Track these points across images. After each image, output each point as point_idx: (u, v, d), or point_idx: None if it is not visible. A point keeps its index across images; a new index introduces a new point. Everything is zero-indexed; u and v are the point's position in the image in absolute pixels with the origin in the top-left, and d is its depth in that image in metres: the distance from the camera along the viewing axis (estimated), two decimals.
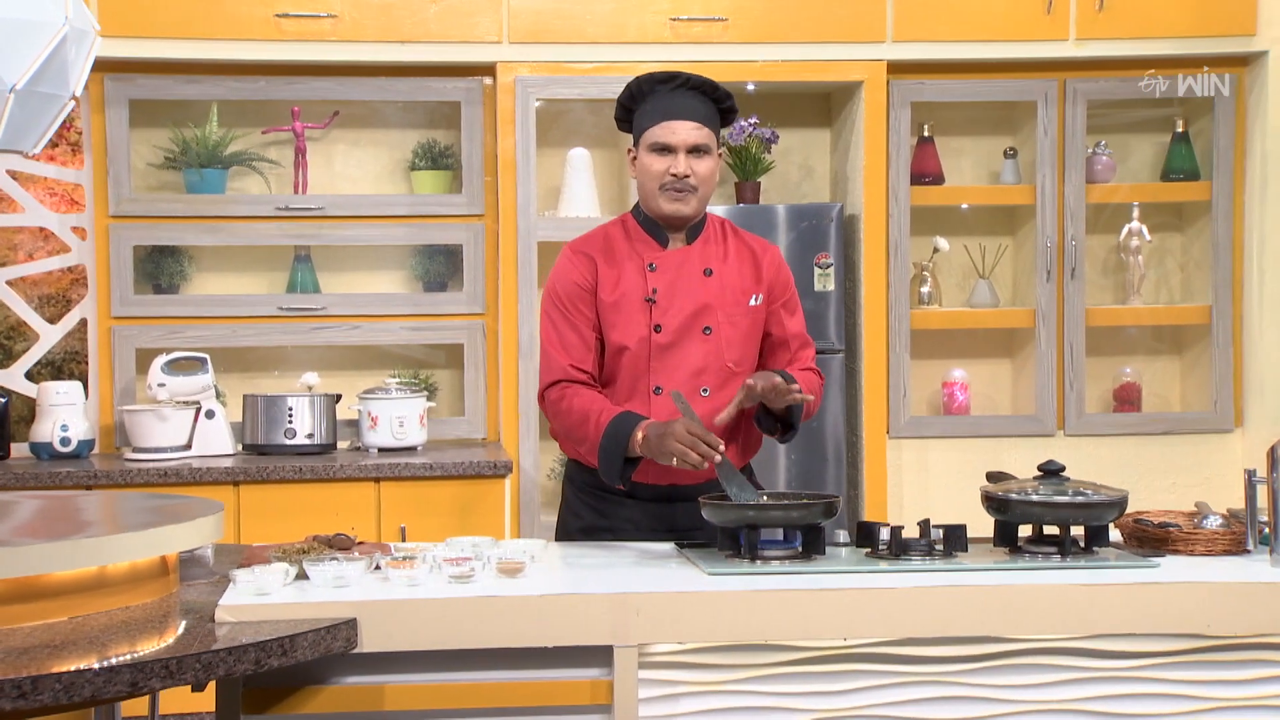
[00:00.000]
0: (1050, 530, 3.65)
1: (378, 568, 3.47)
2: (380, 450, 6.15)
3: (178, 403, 6.10)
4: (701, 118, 3.91)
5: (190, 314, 6.35)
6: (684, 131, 3.89)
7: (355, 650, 3.17)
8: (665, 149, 3.89)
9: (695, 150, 3.90)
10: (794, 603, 3.28)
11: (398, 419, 6.13)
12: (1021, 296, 6.72)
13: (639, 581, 3.38)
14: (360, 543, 3.66)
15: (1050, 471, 3.62)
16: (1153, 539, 3.66)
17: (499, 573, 3.42)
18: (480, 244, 6.40)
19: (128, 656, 2.88)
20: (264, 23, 6.12)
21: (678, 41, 6.25)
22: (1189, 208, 6.80)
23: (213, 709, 5.53)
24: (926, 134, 6.58)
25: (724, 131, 6.33)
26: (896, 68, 6.36)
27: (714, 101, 3.98)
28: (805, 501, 3.59)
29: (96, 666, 2.81)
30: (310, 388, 6.23)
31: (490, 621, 3.22)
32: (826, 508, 3.56)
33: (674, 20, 6.24)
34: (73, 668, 2.79)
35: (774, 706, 3.31)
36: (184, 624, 3.14)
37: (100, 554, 3.17)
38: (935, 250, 6.56)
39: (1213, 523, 3.67)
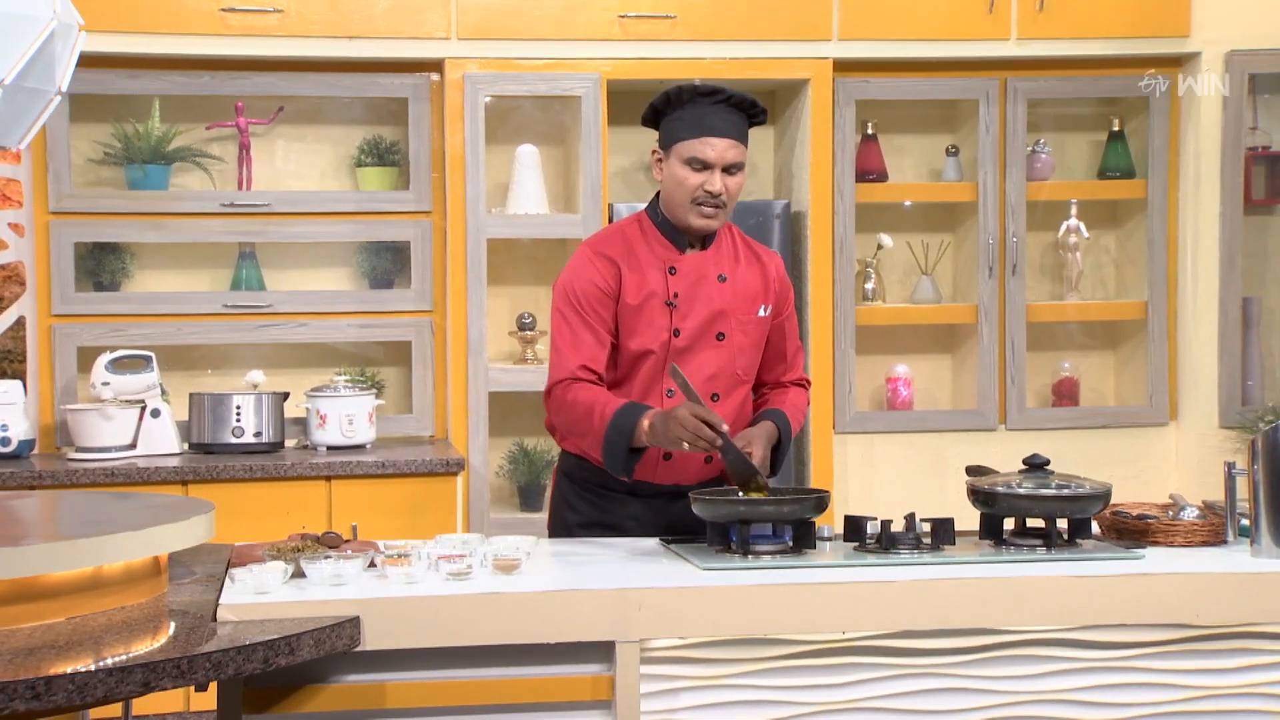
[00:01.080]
0: (1034, 523, 3.69)
1: (372, 565, 3.46)
2: (329, 448, 6.11)
3: (122, 401, 6.03)
4: (738, 135, 3.93)
5: (133, 311, 6.28)
6: (722, 149, 3.89)
7: (358, 648, 3.16)
8: (703, 165, 3.89)
9: (729, 168, 3.91)
10: (794, 597, 3.31)
11: (347, 417, 6.10)
12: (963, 292, 6.79)
13: (640, 577, 3.39)
14: (348, 540, 3.64)
15: (1034, 465, 3.66)
16: (1132, 531, 3.72)
17: (495, 569, 3.42)
18: (428, 241, 6.38)
19: (138, 655, 2.86)
20: (208, 17, 6.06)
21: (626, 39, 6.27)
22: (1123, 205, 6.90)
23: (184, 708, 5.52)
24: (870, 131, 6.64)
25: None
26: (842, 66, 6.42)
27: (749, 117, 3.98)
28: (797, 496, 3.62)
29: (110, 666, 2.79)
30: (256, 386, 6.18)
31: (494, 618, 3.23)
32: (817, 502, 3.60)
33: (622, 17, 6.25)
34: (84, 668, 2.76)
35: (773, 700, 3.35)
36: (186, 624, 3.11)
37: (98, 554, 3.13)
38: (879, 247, 6.62)
39: (1190, 514, 3.74)
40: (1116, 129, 6.78)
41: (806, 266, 6.41)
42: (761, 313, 4.08)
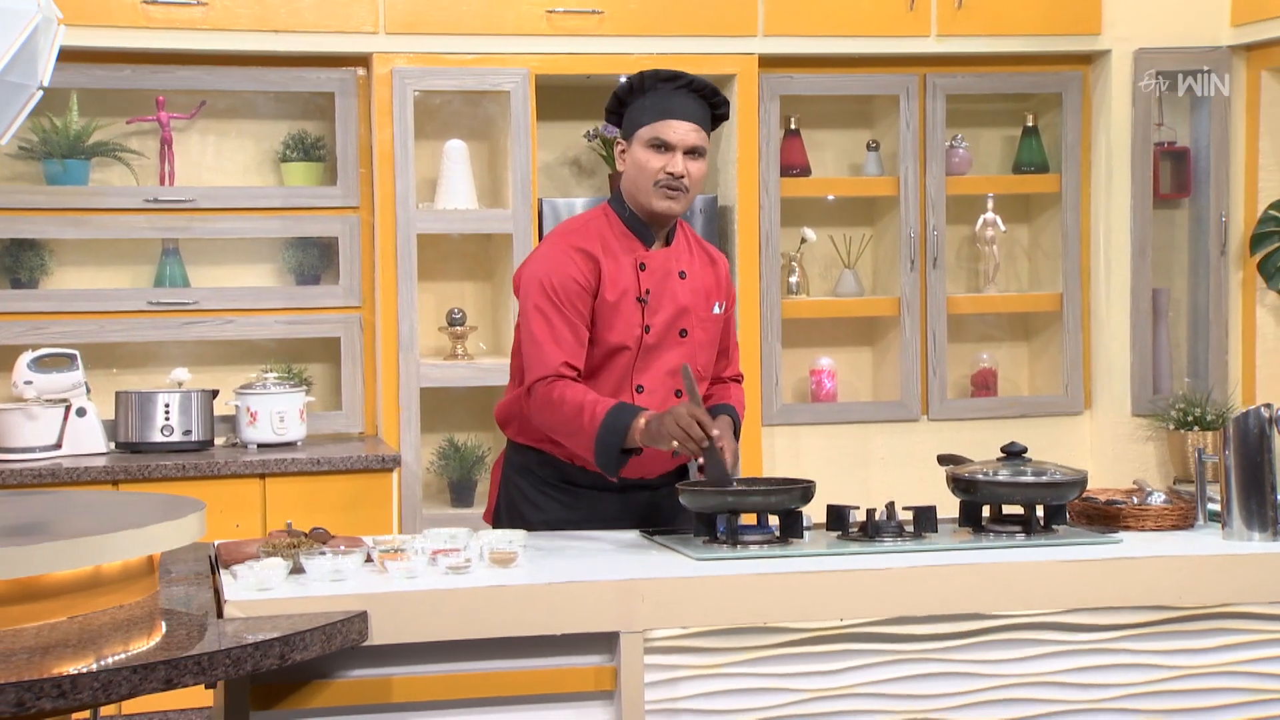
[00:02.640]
0: (1009, 509, 3.77)
1: (369, 560, 3.45)
2: (260, 446, 6.06)
3: (46, 401, 5.93)
4: (699, 120, 3.94)
5: (54, 309, 6.17)
6: (684, 131, 3.90)
7: (365, 643, 3.15)
8: (664, 146, 3.90)
9: (691, 152, 3.92)
10: (794, 585, 3.35)
11: (278, 414, 6.04)
12: (883, 285, 6.89)
13: (641, 568, 3.41)
14: (332, 537, 3.62)
15: (1012, 453, 3.74)
16: (1103, 516, 3.81)
17: (492, 563, 3.43)
18: (356, 236, 6.34)
19: (156, 652, 2.85)
20: (130, 10, 5.98)
21: (554, 34, 6.28)
22: (1035, 199, 7.04)
23: (169, 707, 5.47)
24: (793, 127, 6.71)
25: (599, 124, 6.42)
26: (767, 61, 6.48)
27: (710, 106, 4.00)
28: (784, 486, 3.66)
29: (134, 664, 2.77)
30: (180, 384, 6.10)
31: (500, 610, 3.23)
32: (804, 492, 3.64)
33: (550, 12, 6.26)
34: (109, 665, 2.74)
35: (772, 688, 3.39)
36: (195, 621, 3.09)
37: (100, 553, 3.10)
38: (803, 241, 6.69)
39: (1157, 499, 3.83)
40: (1030, 124, 6.92)
41: (734, 261, 6.46)
42: (716, 310, 4.12)
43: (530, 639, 3.28)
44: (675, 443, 3.65)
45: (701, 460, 3.67)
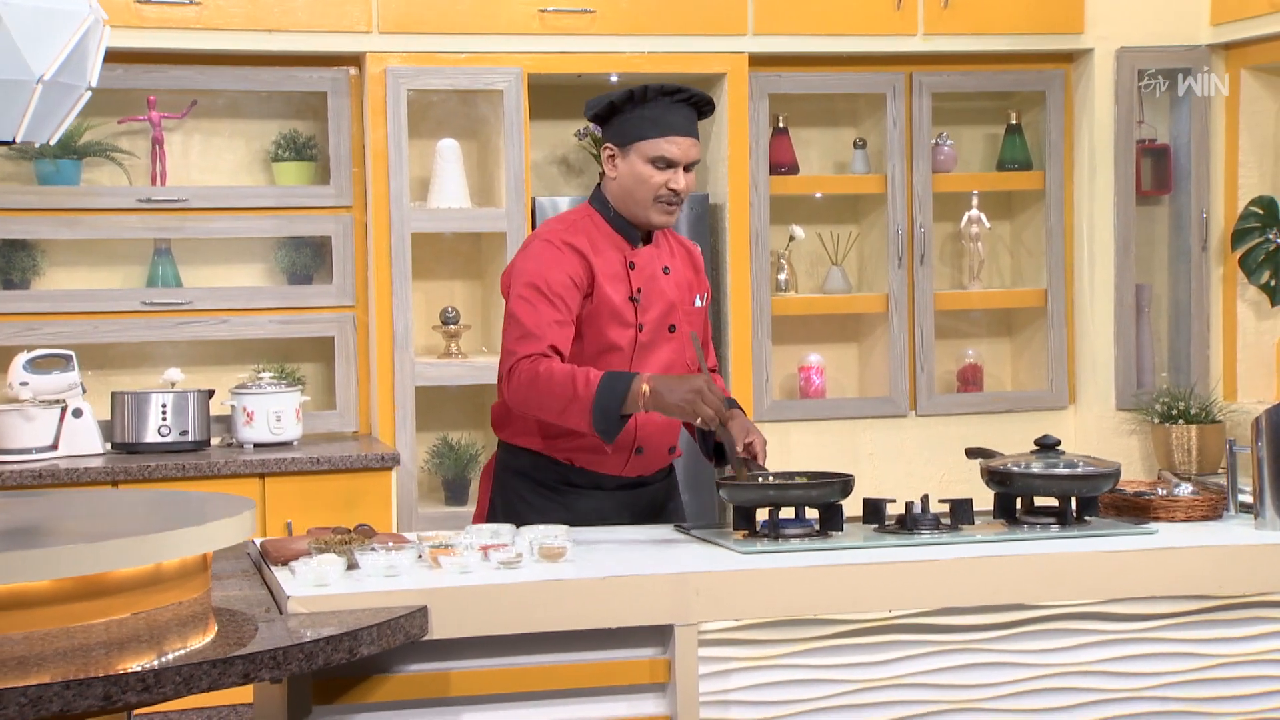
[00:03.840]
0: (1041, 501, 3.82)
1: (419, 557, 3.47)
2: (256, 445, 6.04)
3: (42, 401, 5.90)
4: (696, 132, 3.97)
5: (47, 310, 6.14)
6: (686, 147, 3.92)
7: (425, 638, 3.17)
8: (668, 163, 3.92)
9: (688, 166, 3.95)
10: (845, 577, 3.40)
11: (274, 413, 6.03)
12: (868, 282, 6.95)
13: (691, 562, 3.45)
14: (376, 533, 3.63)
15: (1046, 446, 3.79)
16: (1132, 507, 3.87)
17: (541, 557, 3.45)
18: (349, 236, 6.34)
19: (229, 648, 2.86)
20: (123, 9, 5.94)
21: (547, 33, 6.30)
22: (1018, 196, 7.12)
23: (192, 706, 5.47)
24: (781, 125, 6.76)
25: (589, 124, 6.44)
26: (757, 60, 6.53)
27: (700, 114, 4.02)
28: (825, 480, 3.70)
29: (213, 659, 2.78)
30: (174, 384, 6.08)
31: (556, 604, 3.26)
32: (844, 486, 3.68)
33: (543, 11, 6.29)
34: (188, 661, 2.76)
35: (821, 679, 3.43)
36: (263, 617, 3.10)
37: (162, 550, 3.10)
38: (791, 239, 6.74)
39: (1184, 490, 3.89)
40: (1014, 122, 6.99)
41: (725, 258, 6.51)
42: (698, 302, 4.15)
43: (579, 633, 3.30)
44: (698, 416, 3.65)
45: (717, 432, 3.76)
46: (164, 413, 5.97)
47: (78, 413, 5.96)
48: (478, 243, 6.58)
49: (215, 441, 6.20)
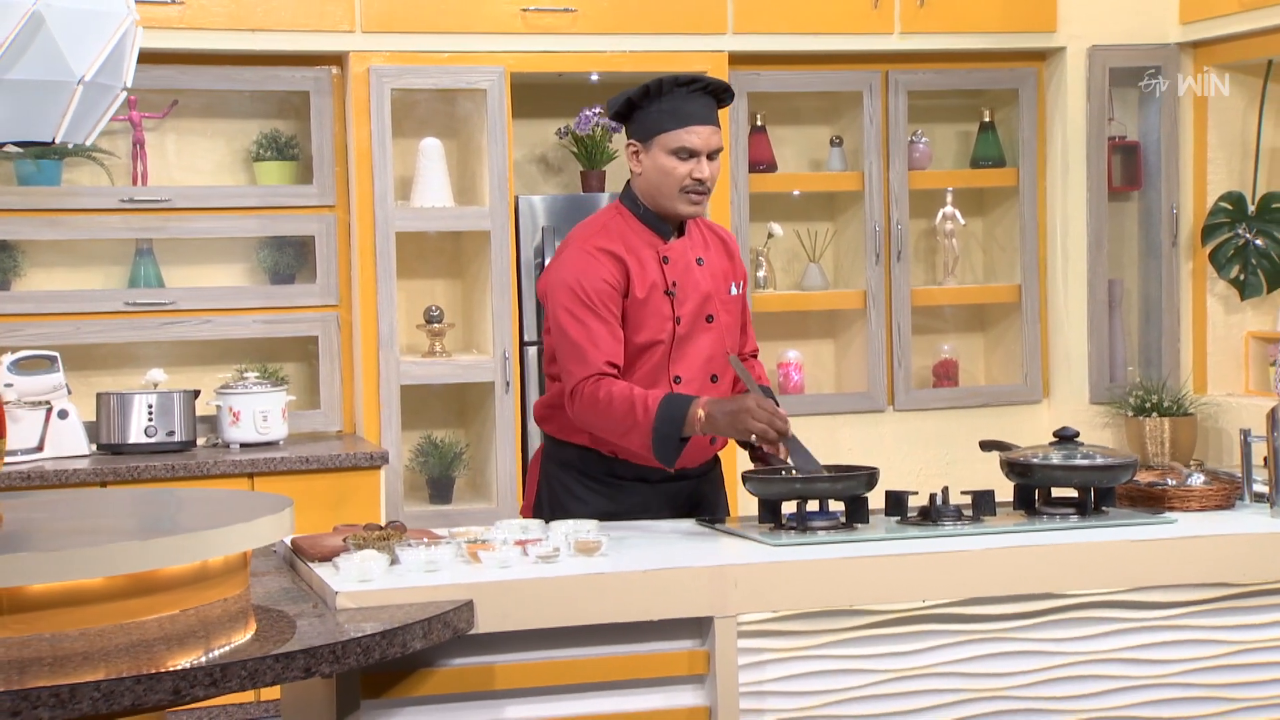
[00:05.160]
0: (1059, 492, 3.87)
1: (458, 552, 3.48)
2: (243, 445, 6.03)
3: (27, 403, 5.86)
4: (716, 120, 4.00)
5: (30, 311, 6.11)
6: (706, 135, 3.95)
7: (471, 631, 3.19)
8: (690, 153, 3.96)
9: (711, 154, 3.99)
10: (881, 569, 3.44)
11: (261, 413, 6.02)
12: (845, 279, 7.01)
13: (728, 554, 3.48)
14: (406, 529, 3.65)
15: (1065, 437, 3.84)
16: (1147, 498, 3.93)
17: (577, 551, 3.47)
18: (332, 235, 6.33)
19: (285, 642, 2.88)
20: None
21: (529, 32, 6.32)
22: (990, 193, 7.20)
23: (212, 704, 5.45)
24: (759, 123, 6.80)
25: (569, 122, 6.47)
26: (736, 59, 6.57)
27: (719, 102, 4.06)
28: (850, 473, 3.74)
29: (276, 654, 2.80)
30: (156, 385, 6.06)
31: (599, 597, 3.29)
32: (869, 478, 3.73)
33: (525, 11, 6.31)
34: (253, 656, 2.77)
35: (855, 669, 3.47)
36: (314, 612, 3.12)
37: (210, 547, 3.12)
38: (770, 236, 6.79)
39: (1197, 480, 3.96)
40: (987, 120, 7.07)
41: None
42: (734, 290, 4.19)
43: (616, 626, 3.33)
44: (754, 436, 3.70)
45: (784, 451, 3.75)
46: (150, 413, 5.95)
47: (63, 414, 5.93)
48: (458, 241, 6.59)
49: (201, 442, 6.17)
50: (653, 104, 3.99)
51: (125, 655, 2.80)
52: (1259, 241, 6.70)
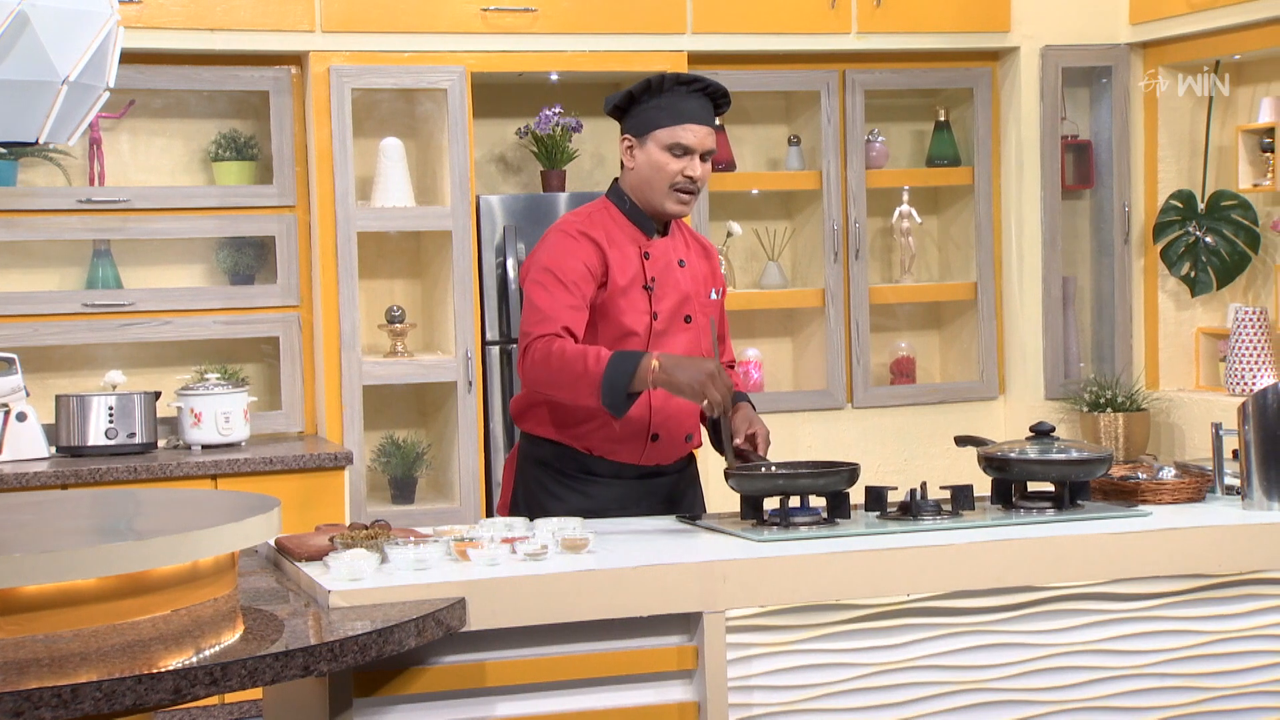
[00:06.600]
0: (1034, 486, 3.92)
1: (446, 551, 3.48)
2: (204, 447, 6.00)
3: None
4: (712, 122, 4.04)
5: None
6: (702, 135, 3.99)
7: (463, 629, 3.20)
8: (684, 151, 3.98)
9: (704, 155, 4.01)
10: (867, 563, 3.47)
11: (223, 414, 5.99)
12: (803, 277, 7.05)
13: (714, 550, 3.50)
14: (392, 528, 3.65)
15: (1041, 432, 3.89)
16: (1120, 491, 3.98)
17: (564, 549, 3.48)
18: (293, 235, 6.31)
19: (281, 640, 2.88)
20: None
21: (489, 31, 6.32)
22: (946, 191, 7.26)
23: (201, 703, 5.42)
24: (718, 123, 6.81)
25: (529, 121, 6.48)
26: (696, 59, 6.59)
27: (716, 107, 4.09)
28: (831, 469, 3.77)
29: (274, 652, 2.79)
30: (115, 386, 6.02)
31: (589, 594, 3.30)
32: (850, 474, 3.76)
33: (485, 10, 6.31)
34: (253, 654, 2.77)
35: (839, 663, 3.49)
36: (309, 611, 3.12)
37: (200, 548, 3.10)
38: (729, 235, 6.82)
39: (1168, 474, 4.01)
40: (942, 119, 7.13)
41: None
42: (713, 296, 4.22)
43: (605, 622, 3.34)
44: (705, 398, 3.73)
45: (719, 420, 3.86)
46: (110, 415, 5.91)
47: (21, 416, 5.88)
48: (418, 241, 6.58)
49: (162, 444, 6.14)
50: (652, 100, 4.03)
51: (122, 655, 2.79)
52: (1209, 239, 6.79)
